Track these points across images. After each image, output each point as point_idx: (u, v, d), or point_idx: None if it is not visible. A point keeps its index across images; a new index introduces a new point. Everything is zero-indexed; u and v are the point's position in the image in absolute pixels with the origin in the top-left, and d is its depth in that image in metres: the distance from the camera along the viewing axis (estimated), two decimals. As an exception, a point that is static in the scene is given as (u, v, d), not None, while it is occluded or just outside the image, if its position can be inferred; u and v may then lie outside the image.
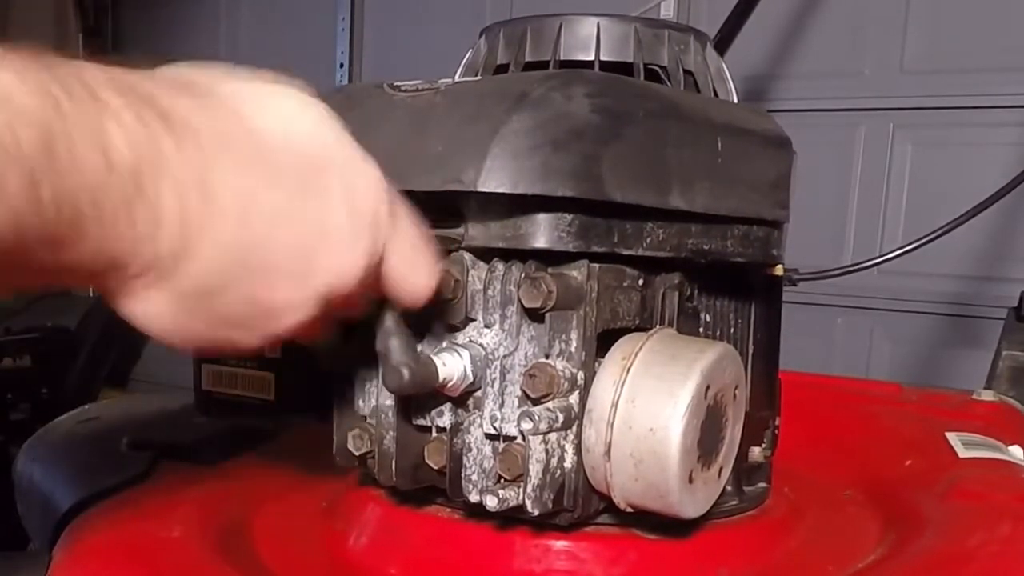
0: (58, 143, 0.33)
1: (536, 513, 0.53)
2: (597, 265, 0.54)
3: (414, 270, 0.48)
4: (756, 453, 0.67)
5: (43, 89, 0.33)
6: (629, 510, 0.55)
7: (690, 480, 0.53)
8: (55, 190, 0.34)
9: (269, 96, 0.43)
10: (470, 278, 0.55)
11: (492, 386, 0.55)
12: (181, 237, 0.38)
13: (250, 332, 0.43)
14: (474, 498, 0.55)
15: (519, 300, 0.53)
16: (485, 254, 0.55)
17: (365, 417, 0.59)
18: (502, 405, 0.54)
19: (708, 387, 0.53)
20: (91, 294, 2.52)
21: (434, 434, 0.57)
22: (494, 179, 0.50)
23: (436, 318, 0.55)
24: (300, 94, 0.44)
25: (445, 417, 0.56)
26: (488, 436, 0.55)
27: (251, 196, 0.40)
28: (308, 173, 0.42)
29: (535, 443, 0.52)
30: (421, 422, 0.57)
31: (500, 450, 0.54)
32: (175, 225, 0.38)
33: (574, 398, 0.54)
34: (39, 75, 0.34)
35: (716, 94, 0.68)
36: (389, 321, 0.50)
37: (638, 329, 0.57)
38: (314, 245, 0.42)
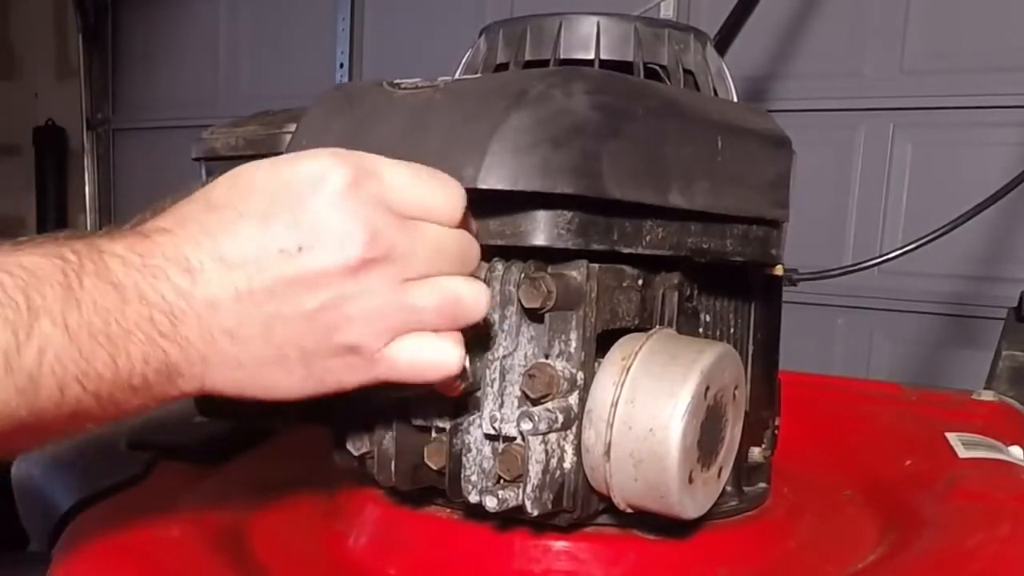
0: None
1: (536, 514, 0.53)
2: (597, 265, 0.54)
3: (425, 373, 0.48)
4: (756, 453, 0.67)
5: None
6: (629, 511, 0.55)
7: (690, 480, 0.53)
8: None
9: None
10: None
11: (492, 386, 0.55)
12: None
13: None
14: (474, 499, 0.55)
15: (519, 300, 0.53)
16: (485, 253, 0.55)
17: (364, 417, 0.59)
18: (502, 405, 0.54)
19: (708, 387, 0.53)
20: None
21: (433, 434, 0.57)
22: (494, 176, 0.49)
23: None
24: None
25: (444, 417, 0.56)
26: (488, 436, 0.55)
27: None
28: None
29: (534, 444, 0.52)
30: (420, 422, 0.57)
31: (500, 450, 0.54)
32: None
33: (573, 398, 0.54)
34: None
35: (716, 93, 0.67)
36: None
37: (638, 329, 0.57)
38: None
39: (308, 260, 0.43)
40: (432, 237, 0.46)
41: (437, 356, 0.47)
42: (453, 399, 0.54)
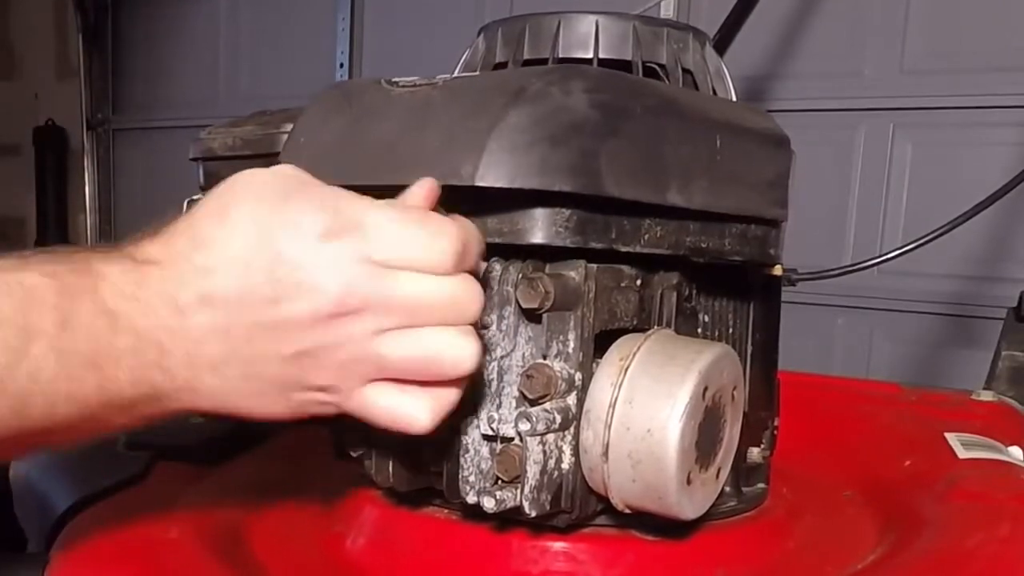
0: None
1: (533, 514, 0.53)
2: (595, 265, 0.54)
3: (391, 424, 0.48)
4: (755, 454, 0.67)
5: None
6: (627, 511, 0.55)
7: (688, 481, 0.53)
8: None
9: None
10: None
11: (489, 387, 0.54)
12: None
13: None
14: (471, 499, 0.55)
15: (516, 300, 0.53)
16: (485, 257, 0.54)
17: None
18: (499, 406, 0.54)
19: (706, 388, 0.53)
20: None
21: (432, 435, 0.57)
22: (492, 174, 0.49)
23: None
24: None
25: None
26: (485, 437, 0.55)
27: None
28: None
29: (532, 444, 0.52)
30: (418, 423, 0.57)
31: (497, 451, 0.54)
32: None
33: (572, 399, 0.54)
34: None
35: (715, 93, 0.67)
36: None
37: (636, 330, 0.57)
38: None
39: (284, 310, 0.45)
40: (414, 288, 0.45)
41: (406, 413, 0.48)
42: None
